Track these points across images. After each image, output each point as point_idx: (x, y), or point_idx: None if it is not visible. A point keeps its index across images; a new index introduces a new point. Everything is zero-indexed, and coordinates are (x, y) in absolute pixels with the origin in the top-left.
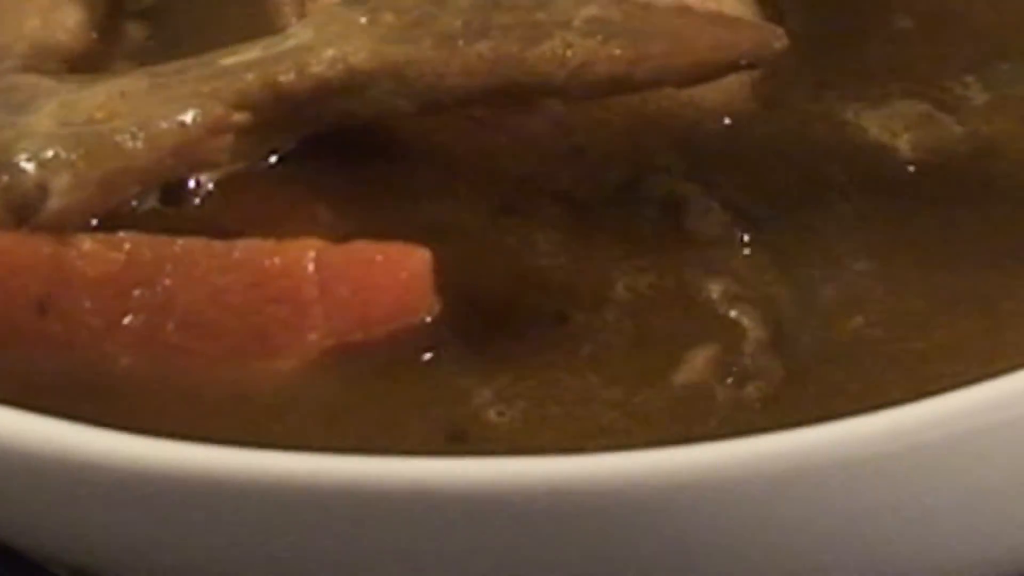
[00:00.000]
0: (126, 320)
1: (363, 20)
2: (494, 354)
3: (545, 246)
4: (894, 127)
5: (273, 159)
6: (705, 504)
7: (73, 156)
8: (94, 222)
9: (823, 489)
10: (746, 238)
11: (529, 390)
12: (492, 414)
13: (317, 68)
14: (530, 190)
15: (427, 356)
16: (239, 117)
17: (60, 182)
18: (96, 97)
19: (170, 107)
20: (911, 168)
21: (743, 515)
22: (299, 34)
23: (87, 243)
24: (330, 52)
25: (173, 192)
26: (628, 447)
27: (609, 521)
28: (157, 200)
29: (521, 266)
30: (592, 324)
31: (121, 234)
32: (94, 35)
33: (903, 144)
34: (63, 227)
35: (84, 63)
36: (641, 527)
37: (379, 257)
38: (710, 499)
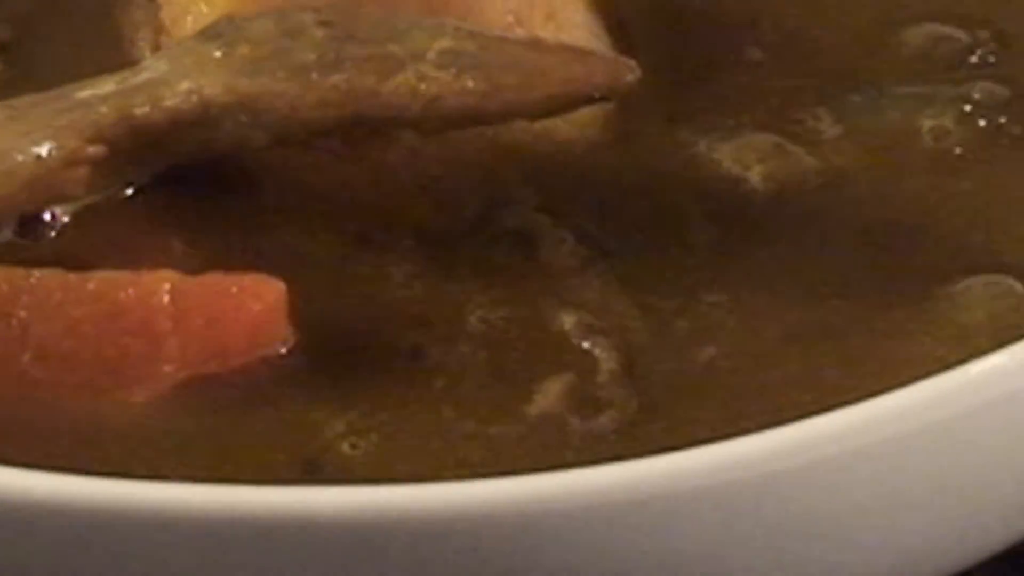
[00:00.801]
0: None
1: (217, 53)
2: (348, 386)
3: (400, 278)
4: (746, 159)
5: (129, 191)
6: (558, 532)
7: None
8: None
9: (677, 516)
10: (599, 269)
11: (383, 423)
12: (345, 446)
13: (171, 101)
14: (385, 222)
15: (281, 388)
16: (94, 150)
17: None
18: None
19: (25, 140)
20: (763, 200)
21: (597, 543)
22: (154, 67)
23: None
24: (184, 85)
25: (29, 224)
26: (482, 477)
27: (462, 548)
28: (12, 232)
29: (376, 298)
30: (446, 356)
31: None
32: None
33: (755, 176)
34: None
35: None
36: (494, 555)
37: (234, 289)
38: (564, 527)
